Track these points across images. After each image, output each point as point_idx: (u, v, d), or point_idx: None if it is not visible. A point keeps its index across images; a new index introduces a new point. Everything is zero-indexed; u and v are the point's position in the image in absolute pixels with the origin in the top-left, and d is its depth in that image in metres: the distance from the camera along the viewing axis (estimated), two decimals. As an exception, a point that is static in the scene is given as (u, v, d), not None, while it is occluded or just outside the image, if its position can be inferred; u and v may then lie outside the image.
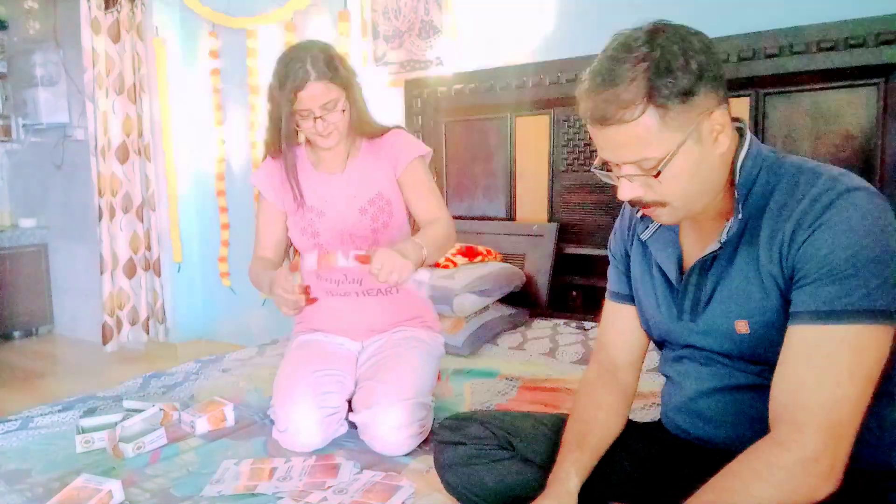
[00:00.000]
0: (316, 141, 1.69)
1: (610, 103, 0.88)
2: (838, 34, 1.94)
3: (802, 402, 0.83)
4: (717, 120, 0.91)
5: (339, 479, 1.34)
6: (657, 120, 0.87)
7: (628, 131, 0.89)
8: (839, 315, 0.83)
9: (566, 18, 2.51)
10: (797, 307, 0.87)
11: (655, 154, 0.89)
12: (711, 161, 0.93)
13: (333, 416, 1.58)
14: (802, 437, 0.82)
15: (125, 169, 3.57)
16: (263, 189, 1.82)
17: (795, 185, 0.91)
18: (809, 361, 0.84)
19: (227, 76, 3.52)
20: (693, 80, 0.87)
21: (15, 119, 4.45)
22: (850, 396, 0.82)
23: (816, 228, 0.86)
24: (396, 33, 2.90)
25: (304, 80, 1.58)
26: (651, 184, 0.93)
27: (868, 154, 1.98)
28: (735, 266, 0.95)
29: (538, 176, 2.62)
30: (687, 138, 0.89)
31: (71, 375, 3.71)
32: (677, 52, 0.87)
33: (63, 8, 4.01)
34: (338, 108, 1.64)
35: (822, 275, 0.85)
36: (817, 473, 0.81)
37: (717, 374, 1.01)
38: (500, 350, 2.19)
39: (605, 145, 0.93)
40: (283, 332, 2.88)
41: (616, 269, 1.19)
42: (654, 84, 0.86)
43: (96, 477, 1.31)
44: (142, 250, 3.67)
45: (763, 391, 0.94)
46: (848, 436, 0.83)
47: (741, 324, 0.95)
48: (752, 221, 0.94)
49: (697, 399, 1.03)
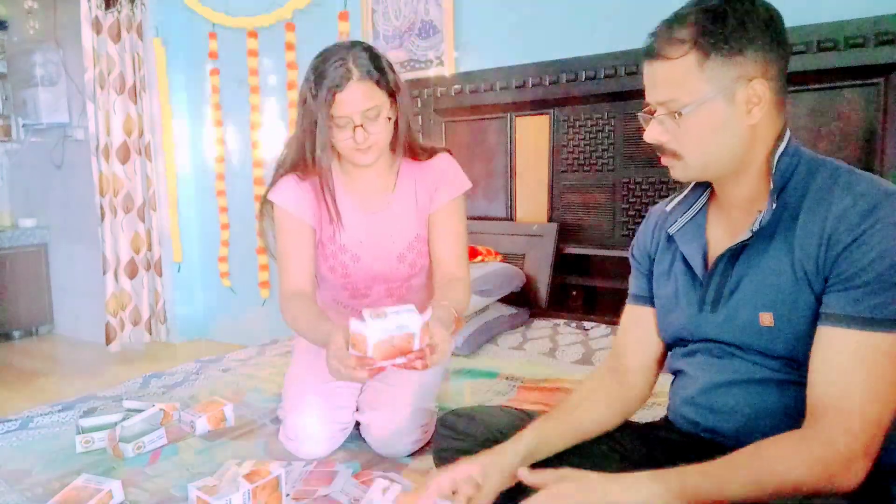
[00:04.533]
0: (352, 157, 1.45)
1: (664, 39, 0.94)
2: (838, 34, 1.94)
3: (849, 404, 0.84)
4: (756, 90, 0.93)
5: (331, 488, 1.33)
6: (695, 64, 0.91)
7: (668, 69, 0.93)
8: (879, 323, 0.84)
9: (566, 18, 2.50)
10: (837, 310, 0.87)
11: (685, 98, 0.93)
12: (738, 129, 0.95)
13: (343, 430, 1.55)
14: (849, 438, 0.82)
15: (126, 169, 3.57)
16: (290, 206, 1.53)
17: (835, 182, 0.92)
18: (853, 366, 0.85)
19: (227, 76, 3.52)
20: (741, 41, 0.91)
21: (15, 119, 4.46)
22: (891, 405, 0.84)
23: (861, 234, 0.86)
24: (396, 33, 2.90)
25: (345, 80, 1.36)
26: (674, 130, 0.96)
27: (868, 154, 1.98)
28: (767, 257, 0.96)
29: (538, 176, 2.62)
30: (718, 94, 0.92)
31: (71, 375, 3.71)
32: (739, 10, 0.92)
33: (63, 8, 4.01)
34: (381, 116, 1.41)
35: (867, 281, 0.85)
36: (856, 473, 0.82)
37: (732, 367, 1.01)
38: (500, 350, 2.19)
39: (649, 83, 0.98)
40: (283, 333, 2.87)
41: (637, 271, 1.20)
42: (704, 30, 0.91)
43: (96, 477, 1.31)
44: (143, 250, 3.67)
45: (776, 386, 0.95)
46: (880, 441, 0.84)
47: (766, 316, 0.95)
48: (787, 214, 0.94)
49: (710, 391, 1.03)
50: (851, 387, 0.84)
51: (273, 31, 3.29)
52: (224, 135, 3.60)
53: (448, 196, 1.55)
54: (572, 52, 2.42)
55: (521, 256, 2.56)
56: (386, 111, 1.43)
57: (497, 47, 2.67)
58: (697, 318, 1.04)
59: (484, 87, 2.64)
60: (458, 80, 2.72)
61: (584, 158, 2.50)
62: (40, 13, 4.08)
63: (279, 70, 3.28)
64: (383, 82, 1.41)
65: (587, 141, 2.48)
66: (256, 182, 3.43)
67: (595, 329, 2.27)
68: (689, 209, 1.10)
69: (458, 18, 2.76)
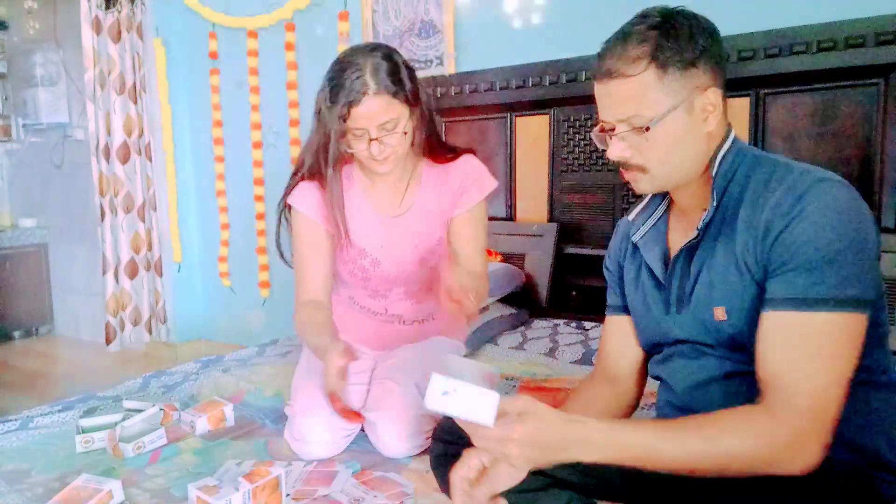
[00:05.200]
0: (370, 166, 1.45)
1: (617, 58, 0.96)
2: (838, 34, 1.94)
3: (792, 384, 0.86)
4: (710, 99, 0.97)
5: (331, 488, 1.33)
6: (655, 79, 0.94)
7: (628, 86, 0.95)
8: (813, 303, 0.87)
9: (566, 18, 2.51)
10: (773, 294, 0.90)
11: (648, 113, 0.95)
12: (697, 136, 0.98)
13: (350, 435, 1.54)
14: (797, 418, 0.84)
15: (126, 169, 3.57)
16: (310, 211, 1.51)
17: (770, 177, 0.95)
18: (792, 346, 0.87)
19: (227, 76, 3.52)
20: (695, 53, 0.94)
21: (15, 119, 4.46)
22: (834, 381, 0.85)
23: (791, 219, 0.89)
24: (396, 33, 2.90)
25: (361, 94, 1.33)
26: (638, 144, 0.98)
27: (868, 154, 1.98)
28: (715, 254, 0.99)
29: (538, 176, 2.62)
30: (679, 105, 0.95)
31: (71, 375, 3.71)
32: (685, 25, 0.95)
33: (63, 8, 4.01)
34: (398, 129, 1.39)
35: (798, 264, 0.88)
36: (805, 454, 0.84)
37: (705, 366, 1.03)
38: (500, 350, 2.19)
39: (605, 102, 0.99)
40: (283, 333, 2.88)
41: (612, 283, 1.23)
42: (659, 45, 0.94)
43: (96, 477, 1.31)
44: (143, 250, 3.67)
45: (747, 378, 0.96)
46: (832, 419, 0.85)
47: (719, 310, 0.98)
48: (729, 212, 0.98)
49: (688, 393, 1.05)
50: (792, 366, 0.87)
51: (273, 31, 3.29)
52: (224, 135, 3.60)
53: (475, 199, 1.55)
54: (572, 52, 2.42)
55: (521, 256, 2.56)
56: (403, 123, 1.40)
57: (497, 47, 2.67)
58: (666, 320, 1.07)
59: (484, 87, 2.64)
60: (458, 80, 2.71)
61: (584, 158, 2.50)
62: (40, 13, 4.08)
63: (279, 70, 3.28)
64: (401, 94, 1.38)
65: (587, 141, 2.48)
66: (256, 182, 3.43)
67: (595, 329, 2.27)
68: (650, 217, 1.13)
69: (458, 18, 2.76)
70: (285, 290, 3.45)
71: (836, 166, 2.00)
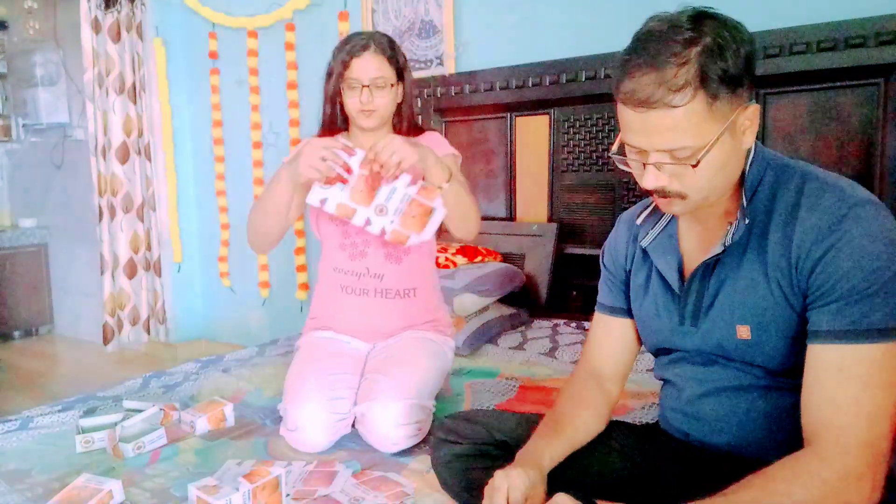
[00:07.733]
0: (357, 119, 1.67)
1: (659, 85, 0.83)
2: (838, 34, 1.94)
3: (842, 421, 0.82)
4: (750, 114, 0.89)
5: (331, 488, 1.33)
6: (705, 107, 0.84)
7: (673, 117, 0.84)
8: (863, 335, 0.83)
9: (566, 18, 2.50)
10: (819, 326, 0.86)
11: (693, 143, 0.85)
12: (739, 157, 0.92)
13: (342, 421, 1.57)
14: (847, 456, 0.80)
15: (125, 169, 3.56)
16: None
17: (801, 191, 0.90)
18: (841, 380, 0.83)
19: (227, 76, 3.52)
20: (742, 70, 0.85)
21: (15, 119, 4.46)
22: (886, 414, 0.82)
23: (830, 246, 0.85)
24: (396, 33, 2.90)
25: (361, 49, 1.62)
26: (680, 174, 0.89)
27: (868, 154, 1.98)
28: (741, 270, 0.94)
29: (538, 176, 2.62)
30: (726, 130, 0.86)
31: (71, 375, 3.71)
32: (728, 38, 0.84)
33: (63, 8, 4.01)
34: (387, 87, 1.65)
35: (843, 294, 0.84)
36: (860, 491, 0.80)
37: (716, 375, 1.00)
38: (500, 350, 2.19)
39: (641, 130, 0.87)
40: (283, 333, 2.88)
41: (610, 282, 1.18)
42: (706, 69, 0.82)
43: (96, 477, 1.31)
44: (142, 250, 3.67)
45: (761, 392, 0.94)
46: (886, 451, 0.82)
47: (743, 329, 0.94)
48: (757, 225, 0.93)
49: (696, 401, 1.03)
50: (841, 403, 0.82)
51: (273, 31, 3.29)
52: (224, 135, 3.60)
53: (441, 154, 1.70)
54: (572, 52, 2.42)
55: (521, 256, 2.56)
56: (392, 88, 1.66)
57: (497, 47, 2.67)
58: (679, 330, 1.04)
59: (484, 87, 2.64)
60: (458, 80, 2.71)
61: (584, 158, 2.50)
62: (40, 13, 4.08)
63: (279, 70, 3.28)
64: (394, 61, 1.66)
65: (587, 141, 2.48)
66: (256, 182, 3.43)
67: (595, 329, 2.26)
68: (658, 220, 1.08)
69: (458, 18, 2.76)
70: (285, 290, 3.45)
71: (837, 166, 2.00)
